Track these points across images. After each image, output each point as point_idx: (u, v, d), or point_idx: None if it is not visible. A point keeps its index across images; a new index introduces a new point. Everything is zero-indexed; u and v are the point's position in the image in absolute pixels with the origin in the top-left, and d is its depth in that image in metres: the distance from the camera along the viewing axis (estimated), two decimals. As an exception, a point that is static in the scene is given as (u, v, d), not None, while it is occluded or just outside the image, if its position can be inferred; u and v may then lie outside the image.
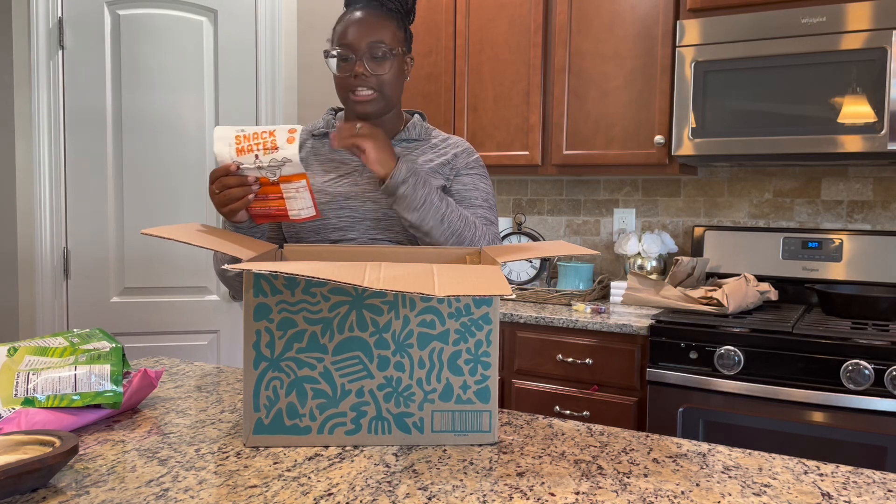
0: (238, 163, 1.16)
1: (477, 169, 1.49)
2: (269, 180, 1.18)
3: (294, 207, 1.20)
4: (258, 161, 1.15)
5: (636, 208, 2.85)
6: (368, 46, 1.34)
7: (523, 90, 2.65)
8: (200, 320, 2.81)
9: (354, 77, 1.34)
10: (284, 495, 0.82)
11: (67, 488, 0.83)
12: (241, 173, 1.17)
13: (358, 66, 1.34)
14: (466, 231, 1.33)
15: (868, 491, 0.85)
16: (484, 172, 1.51)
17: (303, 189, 1.19)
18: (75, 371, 1.03)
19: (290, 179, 1.18)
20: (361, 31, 1.34)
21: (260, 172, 1.16)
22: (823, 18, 2.11)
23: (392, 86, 1.38)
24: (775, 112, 2.18)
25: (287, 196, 1.19)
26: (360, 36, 1.34)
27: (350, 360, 0.97)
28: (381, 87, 1.36)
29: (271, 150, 1.15)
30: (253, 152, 1.15)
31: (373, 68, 1.34)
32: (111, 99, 2.71)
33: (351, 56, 1.35)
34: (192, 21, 2.76)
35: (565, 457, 0.95)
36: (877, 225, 2.47)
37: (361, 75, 1.34)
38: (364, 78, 1.34)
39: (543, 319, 2.29)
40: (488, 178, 1.51)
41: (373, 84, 1.35)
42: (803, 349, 1.94)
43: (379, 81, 1.35)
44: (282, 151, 1.15)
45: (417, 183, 1.28)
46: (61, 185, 2.69)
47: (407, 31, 1.42)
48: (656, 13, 2.42)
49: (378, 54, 1.34)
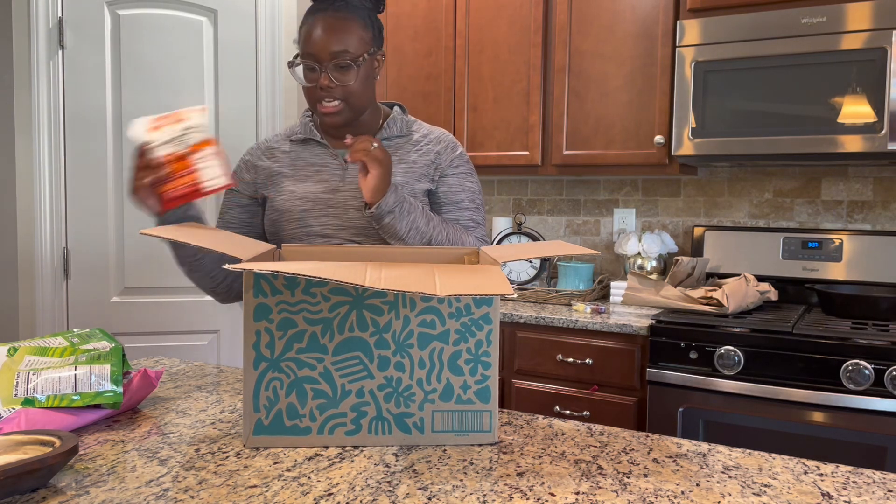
0: (148, 141, 1.17)
1: (462, 167, 1.46)
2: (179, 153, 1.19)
3: (205, 178, 1.20)
4: (169, 133, 1.18)
5: (636, 208, 2.85)
6: (332, 56, 1.31)
7: (523, 90, 2.65)
8: (200, 320, 2.81)
9: (320, 89, 1.32)
10: (284, 495, 0.82)
11: (67, 488, 0.83)
12: (153, 153, 1.16)
13: (323, 77, 1.31)
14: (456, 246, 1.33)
15: (868, 491, 0.85)
16: (469, 169, 1.47)
17: (211, 155, 1.19)
18: (75, 371, 1.03)
19: (200, 147, 1.19)
20: (325, 39, 1.31)
21: (170, 147, 1.18)
22: (823, 18, 2.11)
23: (359, 94, 1.35)
24: (775, 112, 2.18)
25: (199, 167, 1.20)
26: (323, 44, 1.30)
27: (350, 361, 0.97)
28: (348, 98, 1.34)
29: (180, 122, 1.18)
30: (163, 128, 1.18)
31: (338, 79, 1.32)
32: (111, 99, 2.71)
33: (315, 66, 1.32)
34: (192, 21, 2.76)
35: (565, 457, 0.95)
36: (877, 225, 2.47)
37: (327, 87, 1.31)
38: (329, 90, 1.32)
39: (543, 319, 2.29)
40: (474, 175, 1.48)
41: (339, 94, 1.33)
42: (803, 349, 1.94)
43: (345, 92, 1.33)
44: (189, 121, 1.18)
45: (402, 212, 1.28)
46: (61, 185, 2.69)
47: (375, 26, 1.38)
48: (656, 13, 2.42)
49: (342, 64, 1.31)
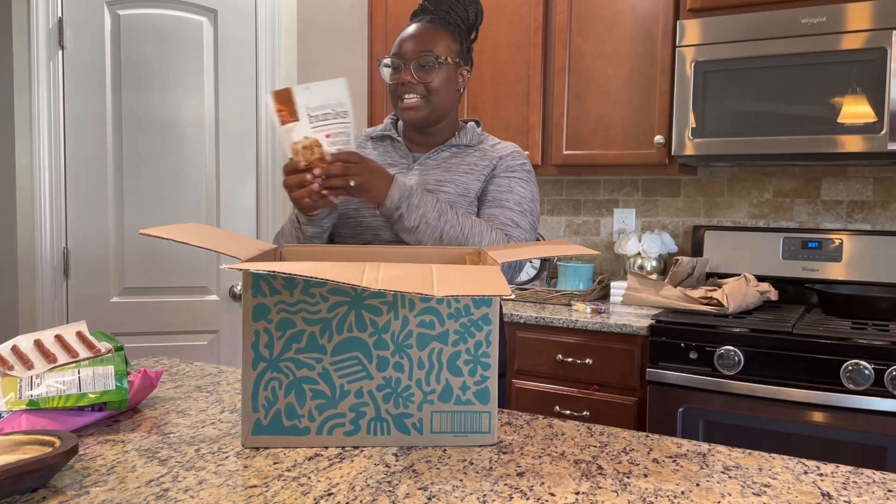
0: None
1: (518, 173, 1.47)
2: None
3: None
4: None
5: (636, 208, 2.85)
6: (417, 55, 1.39)
7: (523, 90, 2.65)
8: (200, 320, 2.81)
9: (402, 84, 1.40)
10: (284, 495, 0.82)
11: (67, 488, 0.83)
12: None
13: (405, 73, 1.40)
14: (472, 241, 1.33)
15: (868, 491, 0.85)
16: (526, 177, 1.48)
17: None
18: (79, 375, 1.03)
19: None
20: (413, 42, 1.40)
21: None
22: (823, 18, 2.11)
23: (440, 94, 1.41)
24: (775, 112, 2.18)
25: None
26: (411, 46, 1.40)
27: (349, 361, 0.97)
28: (428, 95, 1.40)
29: None
30: None
31: (419, 76, 1.40)
32: (111, 99, 2.71)
33: (401, 64, 1.41)
34: (192, 21, 2.76)
35: (565, 457, 0.95)
36: (877, 225, 2.47)
37: (408, 83, 1.39)
38: (411, 85, 1.39)
39: (543, 319, 2.29)
40: (531, 183, 1.48)
41: (419, 91, 1.40)
42: (803, 349, 1.94)
43: (426, 89, 1.40)
44: None
45: (411, 206, 1.30)
46: (61, 185, 2.69)
47: (464, 43, 1.46)
48: (656, 13, 2.41)
49: (425, 63, 1.39)
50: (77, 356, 1.09)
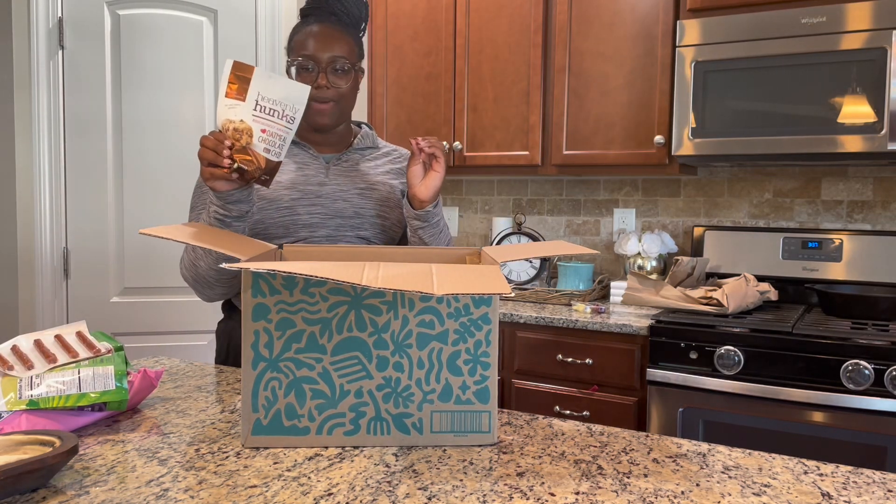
0: None
1: None
2: None
3: None
4: None
5: (636, 208, 2.85)
6: (330, 59, 1.38)
7: (523, 90, 2.65)
8: (200, 320, 2.81)
9: (315, 88, 1.38)
10: (284, 495, 0.82)
11: (67, 488, 0.83)
12: None
13: (320, 78, 1.38)
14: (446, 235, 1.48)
15: (868, 491, 0.85)
16: None
17: None
18: (79, 375, 1.03)
19: None
20: (323, 44, 1.38)
21: None
22: (823, 18, 2.11)
23: (348, 99, 1.43)
24: (775, 112, 2.18)
25: None
26: (321, 48, 1.38)
27: (349, 361, 0.97)
28: (339, 100, 1.41)
29: None
30: None
31: (333, 81, 1.39)
32: (111, 99, 2.71)
33: (311, 66, 1.38)
34: (192, 21, 2.76)
35: (565, 457, 0.95)
36: (877, 225, 2.47)
37: (323, 87, 1.38)
38: (325, 90, 1.38)
39: (543, 319, 2.29)
40: None
41: (332, 96, 1.39)
42: (803, 349, 1.94)
43: (338, 94, 1.40)
44: None
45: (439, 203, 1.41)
46: (61, 185, 2.69)
47: (360, 45, 1.47)
48: (656, 13, 2.41)
49: (339, 68, 1.39)
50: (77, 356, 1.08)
